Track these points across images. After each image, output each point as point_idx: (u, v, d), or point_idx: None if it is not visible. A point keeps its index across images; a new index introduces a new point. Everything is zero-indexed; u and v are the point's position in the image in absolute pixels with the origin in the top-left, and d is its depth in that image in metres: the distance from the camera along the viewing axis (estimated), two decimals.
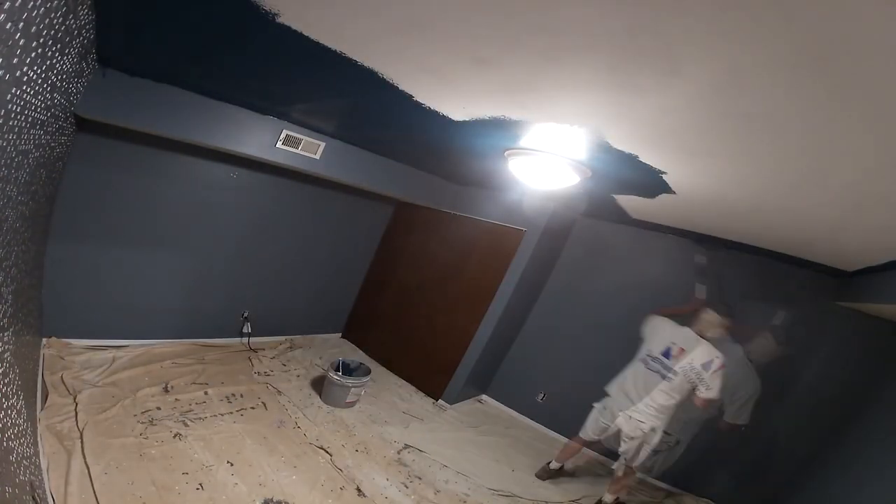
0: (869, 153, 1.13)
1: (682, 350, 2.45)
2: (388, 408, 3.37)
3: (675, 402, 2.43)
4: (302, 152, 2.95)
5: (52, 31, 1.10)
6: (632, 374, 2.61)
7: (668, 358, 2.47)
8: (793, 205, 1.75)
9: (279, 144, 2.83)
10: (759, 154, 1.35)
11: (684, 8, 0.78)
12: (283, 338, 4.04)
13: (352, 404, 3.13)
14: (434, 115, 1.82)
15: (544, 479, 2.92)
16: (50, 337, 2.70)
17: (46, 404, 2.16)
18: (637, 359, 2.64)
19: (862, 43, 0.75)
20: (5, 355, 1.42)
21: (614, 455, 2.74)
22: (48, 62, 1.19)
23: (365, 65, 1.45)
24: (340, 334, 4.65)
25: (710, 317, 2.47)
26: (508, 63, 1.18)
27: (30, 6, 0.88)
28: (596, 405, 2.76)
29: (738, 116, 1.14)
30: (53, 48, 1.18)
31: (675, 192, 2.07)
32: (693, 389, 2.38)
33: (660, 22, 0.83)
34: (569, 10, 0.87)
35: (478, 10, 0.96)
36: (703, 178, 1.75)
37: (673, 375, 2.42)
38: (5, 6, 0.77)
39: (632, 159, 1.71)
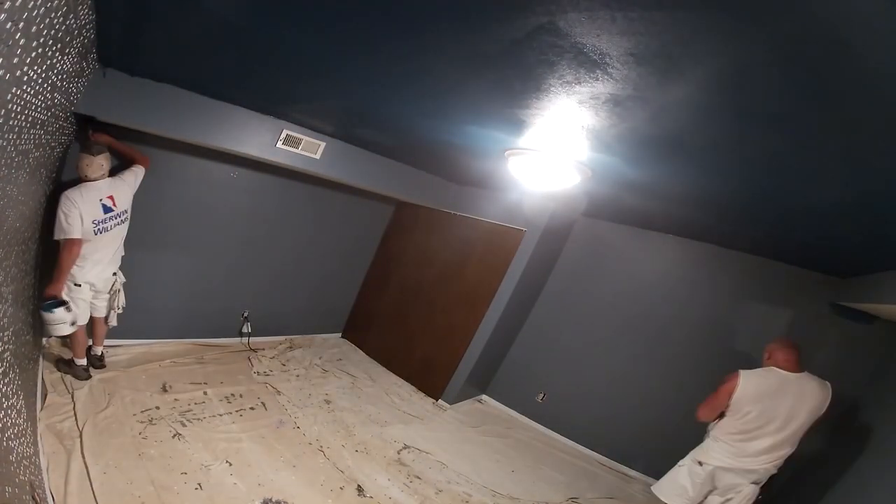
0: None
1: None
2: (388, 408, 3.37)
3: None
4: (302, 152, 2.95)
5: (53, 31, 1.10)
6: None
7: None
8: (793, 204, 1.75)
9: (279, 144, 2.83)
10: (759, 154, 1.35)
11: None
12: (282, 338, 4.04)
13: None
14: None
15: None
16: (50, 337, 2.69)
17: (46, 404, 2.16)
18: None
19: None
20: (5, 355, 1.42)
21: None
22: (48, 62, 1.19)
23: None
24: (340, 334, 4.64)
25: None
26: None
27: (30, 6, 0.88)
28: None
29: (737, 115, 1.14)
30: (54, 48, 1.18)
31: None
32: None
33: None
34: None
35: None
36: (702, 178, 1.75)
37: None
38: (6, 6, 0.77)
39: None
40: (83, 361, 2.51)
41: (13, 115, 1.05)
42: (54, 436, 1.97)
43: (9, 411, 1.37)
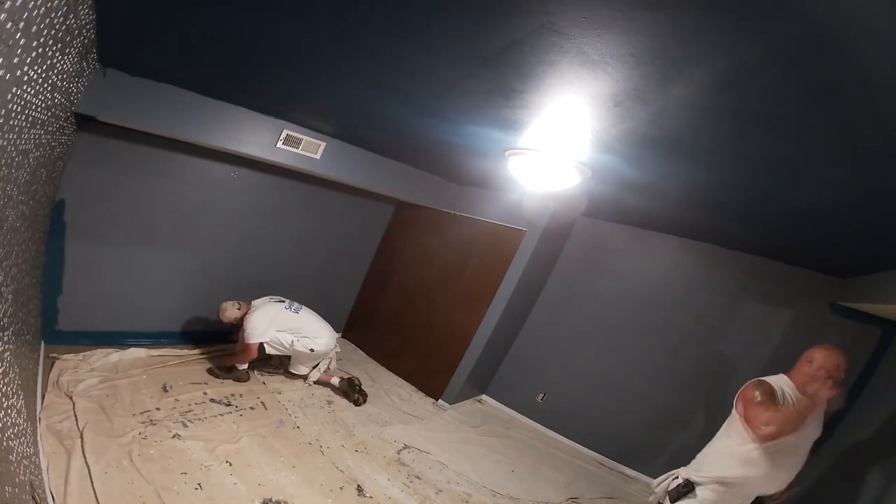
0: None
1: None
2: (388, 408, 3.36)
3: None
4: (302, 152, 2.95)
5: (53, 31, 1.10)
6: None
7: None
8: (793, 204, 1.75)
9: (280, 144, 2.83)
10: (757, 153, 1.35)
11: None
12: None
13: None
14: None
15: None
16: (50, 337, 2.69)
17: (46, 404, 2.16)
18: None
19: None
20: (5, 355, 1.42)
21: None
22: (49, 62, 1.19)
23: None
24: (340, 334, 4.64)
25: None
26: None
27: (30, 6, 0.88)
28: None
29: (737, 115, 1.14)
30: (54, 48, 1.18)
31: None
32: None
33: None
34: None
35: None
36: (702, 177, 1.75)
37: None
38: (6, 6, 0.77)
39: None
40: (245, 366, 3.11)
41: (13, 114, 1.05)
42: (54, 436, 1.97)
43: (9, 411, 1.37)
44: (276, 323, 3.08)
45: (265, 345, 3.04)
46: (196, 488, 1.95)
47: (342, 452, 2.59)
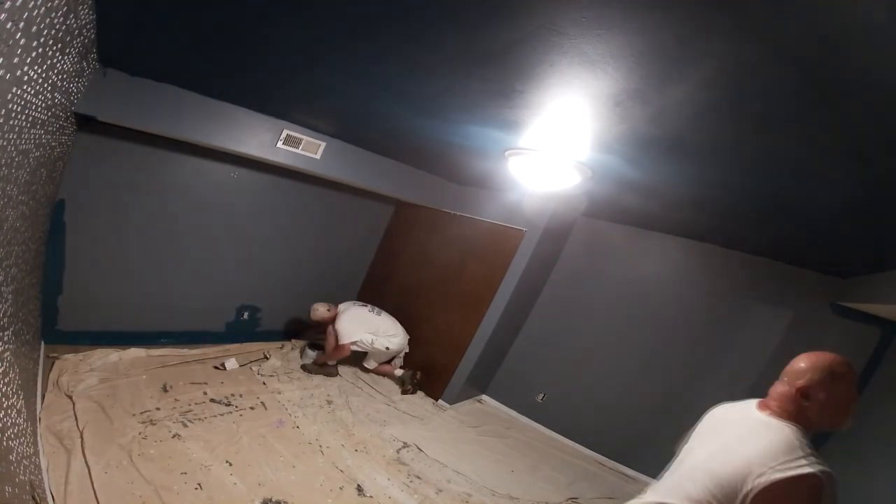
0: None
1: None
2: (388, 408, 3.36)
3: None
4: (302, 152, 2.95)
5: (53, 31, 1.10)
6: None
7: None
8: (793, 204, 1.75)
9: (280, 144, 2.83)
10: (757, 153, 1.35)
11: None
12: (282, 338, 4.04)
13: None
14: None
15: None
16: (50, 337, 2.69)
17: (46, 404, 2.16)
18: None
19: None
20: (5, 355, 1.42)
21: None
22: (49, 62, 1.19)
23: None
24: None
25: None
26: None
27: (30, 6, 0.88)
28: None
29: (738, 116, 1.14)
30: (54, 48, 1.18)
31: None
32: None
33: None
34: None
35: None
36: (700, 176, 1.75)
37: None
38: (6, 6, 0.77)
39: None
40: (334, 362, 3.56)
41: (13, 114, 1.05)
42: (54, 436, 1.97)
43: (9, 411, 1.37)
44: (364, 325, 3.53)
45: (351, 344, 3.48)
46: (196, 488, 1.95)
47: (342, 452, 2.59)
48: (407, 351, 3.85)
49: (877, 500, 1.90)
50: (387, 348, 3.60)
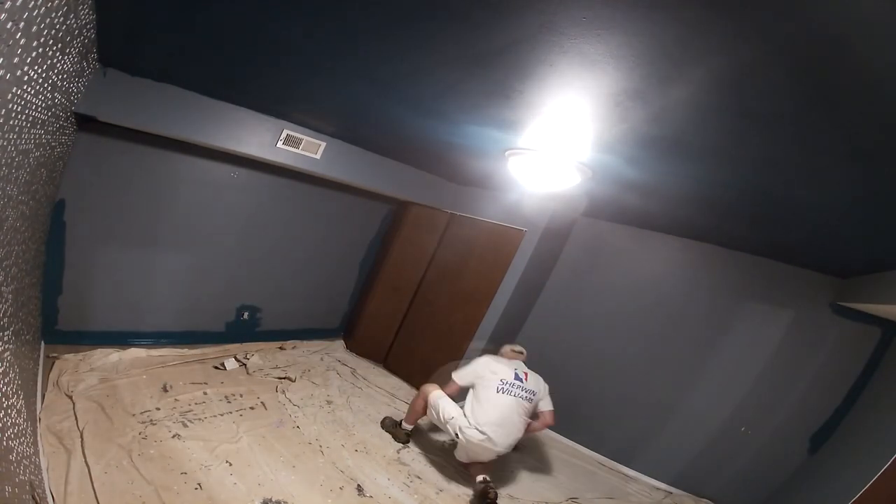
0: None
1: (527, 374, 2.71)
2: (388, 408, 3.36)
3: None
4: (302, 152, 2.95)
5: (53, 31, 1.10)
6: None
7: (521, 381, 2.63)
8: (793, 204, 1.75)
9: (280, 144, 2.83)
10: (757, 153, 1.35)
11: None
12: (282, 338, 4.04)
13: None
14: None
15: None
16: (50, 337, 2.69)
17: (46, 404, 2.16)
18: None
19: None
20: (5, 355, 1.42)
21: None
22: (49, 61, 1.19)
23: None
24: (340, 334, 4.64)
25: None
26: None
27: (30, 6, 0.88)
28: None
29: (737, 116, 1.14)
30: (54, 47, 1.18)
31: None
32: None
33: None
34: None
35: None
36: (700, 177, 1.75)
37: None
38: (6, 6, 0.77)
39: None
40: (409, 427, 2.88)
41: (13, 114, 1.05)
42: (54, 436, 1.97)
43: (9, 411, 1.37)
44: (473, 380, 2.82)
45: None
46: (196, 488, 1.95)
47: (342, 452, 2.59)
48: (498, 455, 2.59)
49: None
50: (461, 435, 2.52)
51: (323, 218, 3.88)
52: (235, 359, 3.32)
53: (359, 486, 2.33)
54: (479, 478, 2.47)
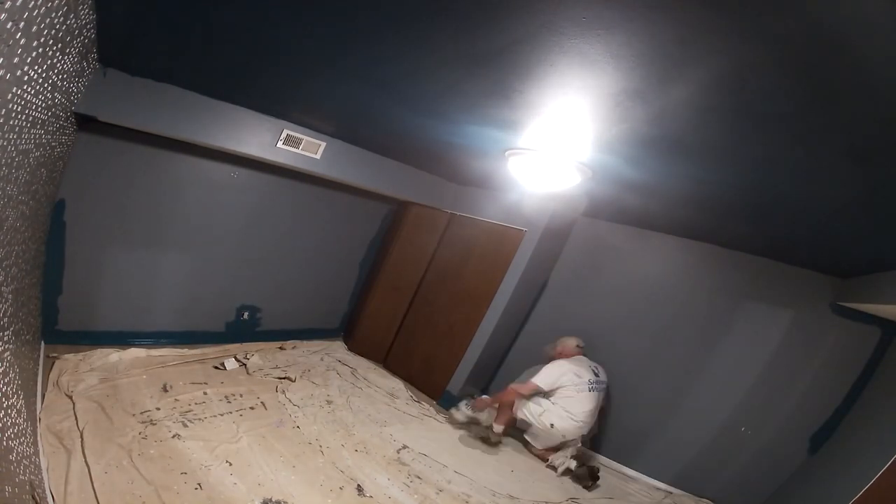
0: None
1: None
2: (388, 408, 3.36)
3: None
4: (303, 152, 2.95)
5: (53, 31, 1.10)
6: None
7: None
8: (793, 204, 1.75)
9: (280, 144, 2.84)
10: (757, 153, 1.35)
11: None
12: (282, 338, 4.04)
13: None
14: None
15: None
16: (50, 337, 2.69)
17: (46, 404, 2.16)
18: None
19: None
20: (5, 354, 1.42)
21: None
22: (49, 61, 1.19)
23: None
24: (340, 334, 4.64)
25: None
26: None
27: (30, 6, 0.88)
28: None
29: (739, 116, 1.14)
30: (54, 47, 1.18)
31: None
32: None
33: None
34: None
35: None
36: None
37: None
38: (6, 6, 0.77)
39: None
40: (500, 429, 3.16)
41: (13, 114, 1.05)
42: (54, 436, 1.97)
43: (9, 411, 1.37)
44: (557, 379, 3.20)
45: None
46: (196, 488, 1.95)
47: (342, 452, 2.59)
48: (579, 445, 3.14)
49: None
50: (551, 425, 3.00)
51: (323, 218, 3.88)
52: (235, 359, 3.32)
53: (359, 486, 2.33)
54: (573, 463, 3.02)
